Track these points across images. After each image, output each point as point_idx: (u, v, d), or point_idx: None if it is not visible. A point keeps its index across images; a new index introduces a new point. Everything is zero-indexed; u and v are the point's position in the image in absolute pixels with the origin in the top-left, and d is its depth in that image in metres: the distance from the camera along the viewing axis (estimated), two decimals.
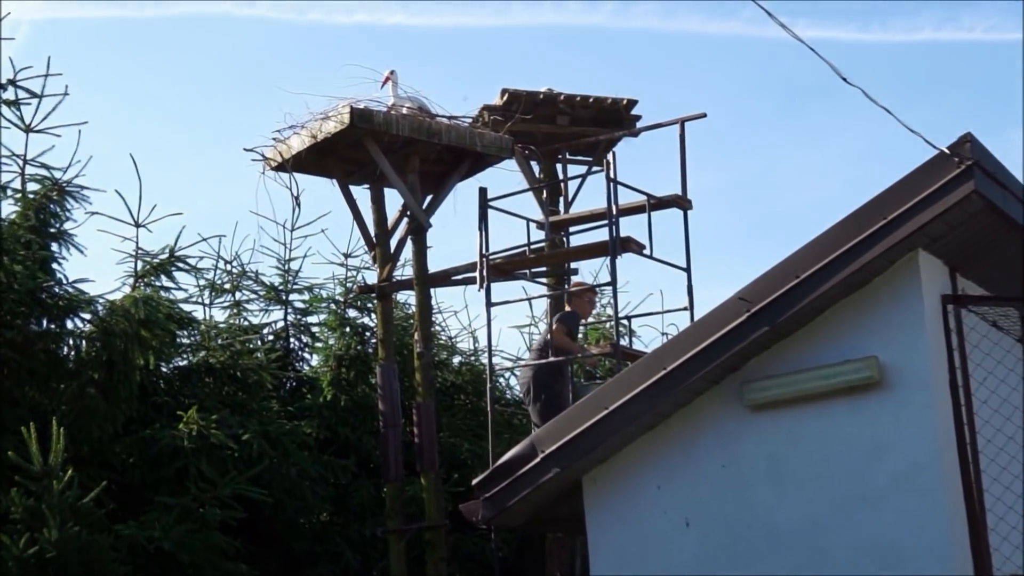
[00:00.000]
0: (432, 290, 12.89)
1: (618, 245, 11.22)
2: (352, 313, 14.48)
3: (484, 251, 11.67)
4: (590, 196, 15.99)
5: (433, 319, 14.19)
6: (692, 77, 29.40)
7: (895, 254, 7.41)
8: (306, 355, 14.57)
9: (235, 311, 14.27)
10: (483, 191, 11.85)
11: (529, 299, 13.65)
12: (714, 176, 27.26)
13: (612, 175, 11.34)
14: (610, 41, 28.65)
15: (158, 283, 12.16)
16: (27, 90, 11.31)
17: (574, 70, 29.02)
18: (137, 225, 12.12)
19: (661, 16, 28.18)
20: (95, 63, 27.65)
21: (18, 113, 11.35)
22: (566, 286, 12.34)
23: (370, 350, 13.99)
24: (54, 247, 11.30)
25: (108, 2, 26.79)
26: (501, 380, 15.19)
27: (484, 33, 28.94)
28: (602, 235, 11.67)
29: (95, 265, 16.78)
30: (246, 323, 14.25)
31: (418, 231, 12.25)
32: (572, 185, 13.35)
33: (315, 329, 14.59)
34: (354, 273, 14.74)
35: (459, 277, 12.67)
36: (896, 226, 7.31)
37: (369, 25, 27.48)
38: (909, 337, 7.36)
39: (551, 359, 11.29)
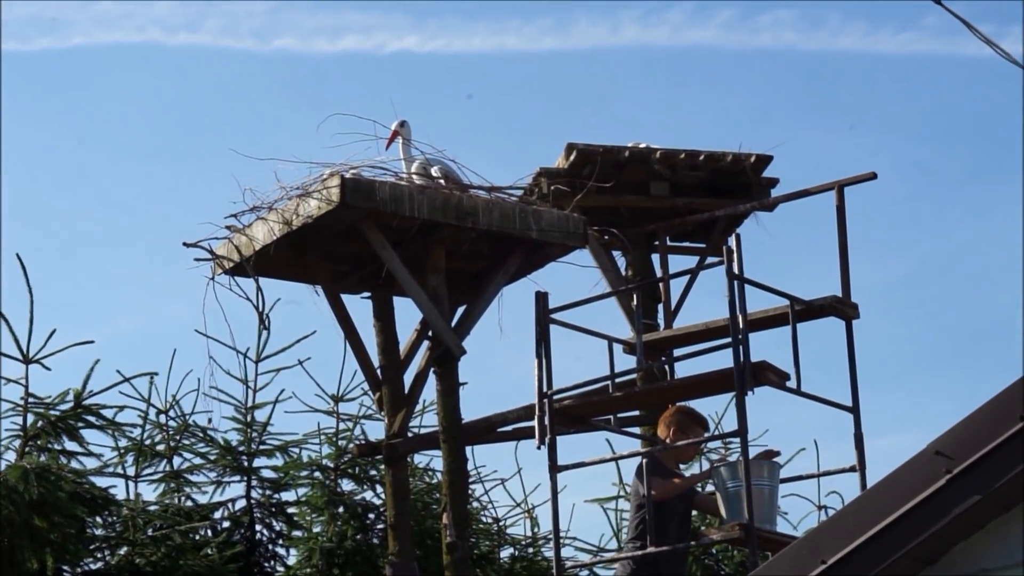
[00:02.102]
0: (468, 448, 12.88)
1: (748, 375, 11.01)
2: (348, 485, 14.55)
3: (546, 388, 11.51)
4: (703, 301, 15.68)
5: (470, 492, 13.99)
6: (850, 117, 29.29)
7: None
8: (280, 550, 14.54)
9: (173, 485, 14.28)
10: (542, 298, 11.65)
11: (616, 458, 13.28)
12: (888, 266, 26.88)
13: (737, 269, 11.17)
14: (724, 68, 28.21)
15: (58, 447, 12.29)
16: None
17: (673, 112, 28.44)
18: (27, 360, 12.34)
19: (801, 29, 27.88)
20: None
21: None
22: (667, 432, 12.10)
23: (375, 540, 14.03)
24: None
25: None
26: None
27: (536, 60, 28.56)
28: (724, 360, 11.40)
29: None
30: (189, 504, 14.24)
31: (446, 360, 12.38)
32: (676, 286, 13.33)
33: (292, 510, 14.61)
34: (349, 425, 14.81)
35: (508, 428, 12.75)
36: None
37: (364, 54, 27.34)
38: None
39: (652, 548, 11.17)
